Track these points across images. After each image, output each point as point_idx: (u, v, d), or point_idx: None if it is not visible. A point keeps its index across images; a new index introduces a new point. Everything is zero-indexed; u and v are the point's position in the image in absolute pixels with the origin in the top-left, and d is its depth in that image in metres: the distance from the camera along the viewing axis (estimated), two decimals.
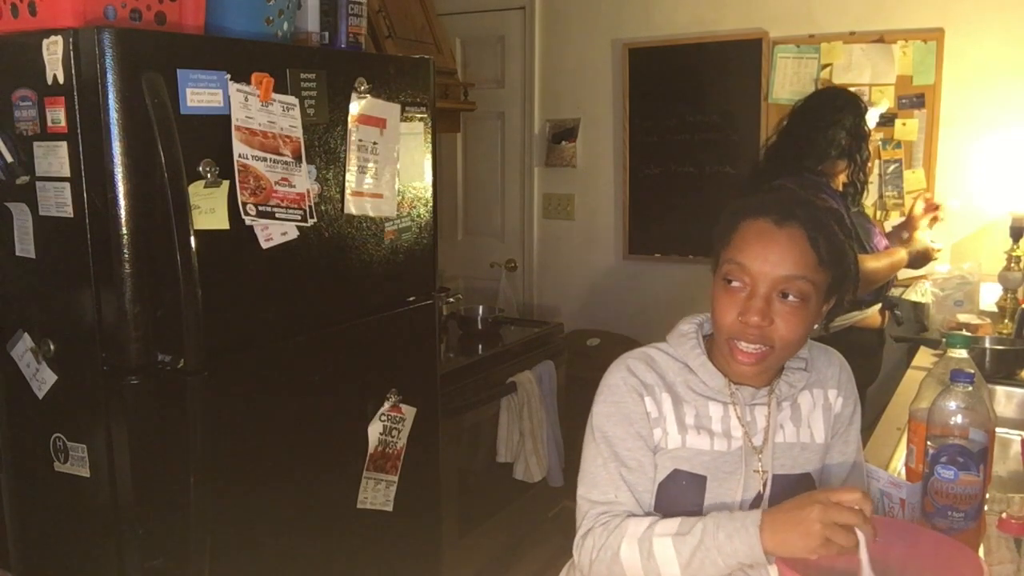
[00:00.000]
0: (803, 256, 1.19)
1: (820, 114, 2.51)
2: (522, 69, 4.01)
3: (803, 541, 1.04)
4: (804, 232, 1.20)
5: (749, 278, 1.21)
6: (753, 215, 1.24)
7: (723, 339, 1.25)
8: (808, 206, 1.26)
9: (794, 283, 1.19)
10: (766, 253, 1.20)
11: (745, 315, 1.20)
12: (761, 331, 1.20)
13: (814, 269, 1.20)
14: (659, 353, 1.33)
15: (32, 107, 1.64)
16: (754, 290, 1.20)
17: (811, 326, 1.24)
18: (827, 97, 2.60)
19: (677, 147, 3.69)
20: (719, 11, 3.52)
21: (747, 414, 1.28)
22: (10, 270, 1.73)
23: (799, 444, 1.31)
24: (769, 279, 1.19)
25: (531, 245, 4.12)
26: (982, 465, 1.22)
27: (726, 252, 1.25)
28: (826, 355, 1.39)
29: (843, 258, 1.24)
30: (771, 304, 1.20)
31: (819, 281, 1.21)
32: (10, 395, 1.78)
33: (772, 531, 1.08)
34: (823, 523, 1.03)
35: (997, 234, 2.98)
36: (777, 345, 1.21)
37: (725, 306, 1.23)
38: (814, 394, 1.34)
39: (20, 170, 1.68)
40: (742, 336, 1.21)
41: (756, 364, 1.23)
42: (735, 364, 1.24)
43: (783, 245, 1.20)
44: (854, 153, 2.50)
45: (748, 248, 1.21)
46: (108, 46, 1.52)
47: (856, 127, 2.49)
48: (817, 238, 1.20)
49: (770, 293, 1.20)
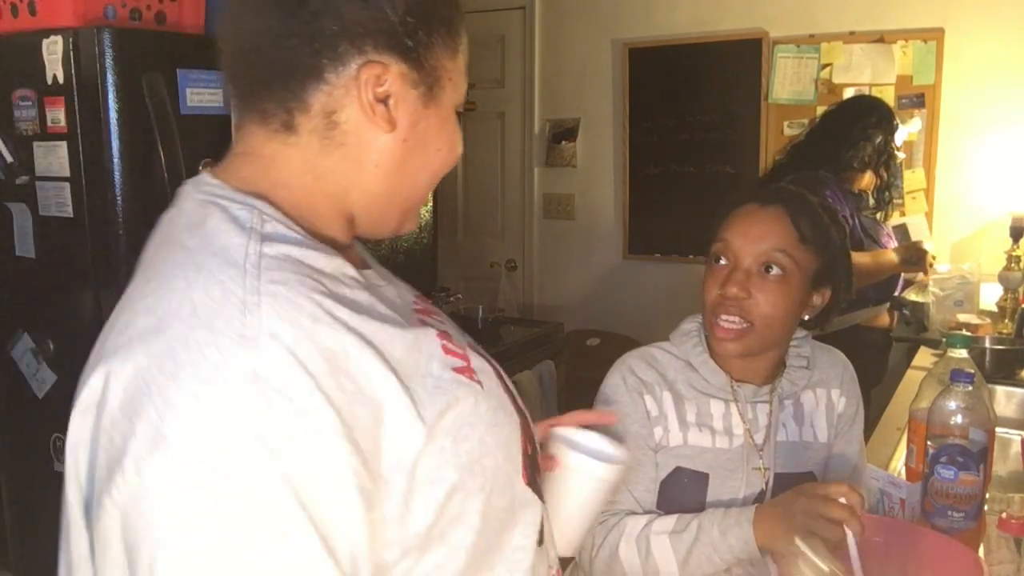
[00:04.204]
0: (784, 231, 1.23)
1: (853, 126, 2.52)
2: (522, 69, 4.01)
3: (788, 534, 1.05)
4: (786, 211, 1.25)
5: (732, 253, 1.25)
6: (742, 202, 1.29)
7: (708, 318, 1.27)
8: (795, 194, 1.30)
9: (774, 256, 1.22)
10: (747, 229, 1.24)
11: (725, 287, 1.23)
12: (740, 303, 1.22)
13: (795, 245, 1.23)
14: (661, 352, 1.34)
15: (32, 107, 1.64)
16: (737, 264, 1.24)
17: (794, 308, 1.25)
18: (862, 110, 2.59)
19: (677, 147, 3.69)
20: (719, 11, 3.52)
21: (749, 412, 1.29)
22: (10, 270, 1.73)
23: (801, 443, 1.31)
24: (750, 253, 1.23)
25: (531, 245, 4.12)
26: (982, 465, 1.22)
27: (715, 235, 1.28)
28: (829, 355, 1.39)
29: (828, 242, 1.27)
30: (751, 277, 1.23)
31: (801, 260, 1.23)
32: (10, 395, 1.78)
33: (763, 525, 1.10)
34: (806, 515, 1.04)
35: (997, 234, 2.98)
36: (757, 322, 1.22)
37: (710, 283, 1.27)
38: (817, 393, 1.35)
39: (20, 170, 1.68)
40: (723, 309, 1.23)
41: (736, 341, 1.23)
42: (716, 341, 1.26)
43: (765, 222, 1.24)
44: (879, 168, 2.52)
45: (732, 226, 1.26)
46: (108, 46, 1.53)
47: (884, 145, 2.51)
48: (799, 218, 1.24)
49: (752, 266, 1.23)
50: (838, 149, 2.50)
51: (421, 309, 0.82)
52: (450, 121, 0.80)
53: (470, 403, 0.73)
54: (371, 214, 0.80)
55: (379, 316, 0.70)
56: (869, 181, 2.56)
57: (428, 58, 0.76)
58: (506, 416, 0.78)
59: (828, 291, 1.29)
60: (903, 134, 2.67)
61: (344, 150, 0.76)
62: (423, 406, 0.68)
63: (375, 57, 0.73)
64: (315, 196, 0.77)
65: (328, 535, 0.59)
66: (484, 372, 0.78)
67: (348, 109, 0.74)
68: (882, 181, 2.57)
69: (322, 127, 0.75)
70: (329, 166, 0.77)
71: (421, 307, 0.83)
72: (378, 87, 0.74)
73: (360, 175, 0.77)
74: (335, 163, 0.76)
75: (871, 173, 2.54)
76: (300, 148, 0.76)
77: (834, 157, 2.49)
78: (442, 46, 0.77)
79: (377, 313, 0.70)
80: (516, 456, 0.78)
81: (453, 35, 0.78)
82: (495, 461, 0.74)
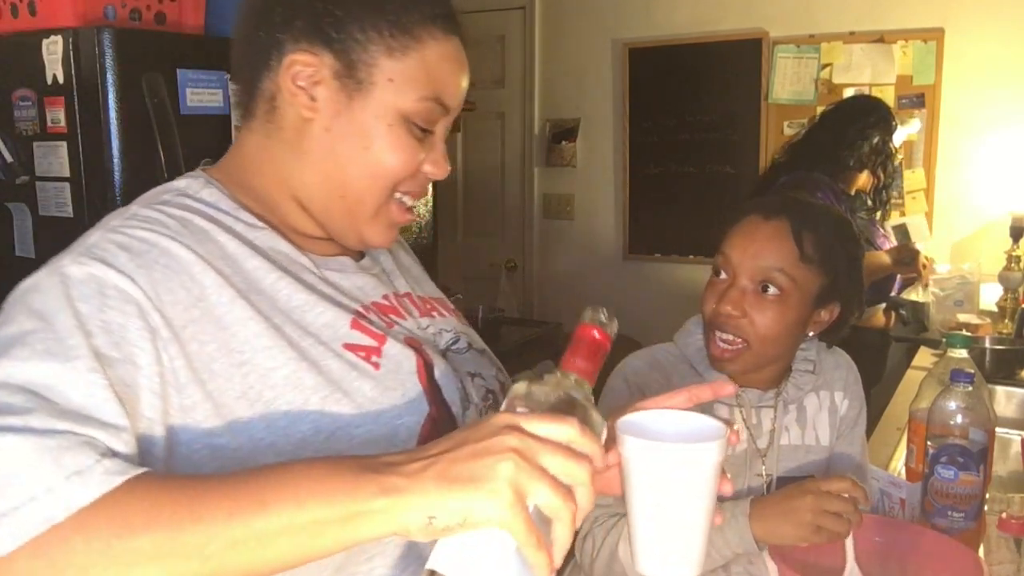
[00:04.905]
0: (783, 248, 1.19)
1: (850, 126, 2.51)
2: (522, 69, 4.01)
3: (794, 530, 1.05)
4: (790, 226, 1.19)
5: (731, 268, 1.22)
6: (747, 212, 1.25)
7: (706, 332, 1.26)
8: (804, 205, 1.26)
9: (772, 275, 1.18)
10: (747, 244, 1.21)
11: (720, 303, 1.20)
12: (735, 322, 1.19)
13: (794, 264, 1.18)
14: (665, 354, 1.33)
15: (32, 107, 1.64)
16: (734, 280, 1.21)
17: (793, 327, 1.22)
18: (861, 110, 2.59)
19: (677, 147, 3.69)
20: (719, 11, 3.52)
21: (753, 417, 1.28)
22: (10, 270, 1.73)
23: (804, 446, 1.31)
24: (748, 270, 1.20)
25: (531, 245, 4.12)
26: (982, 465, 1.22)
27: (719, 246, 1.26)
28: (833, 357, 1.38)
29: (834, 259, 1.22)
30: (747, 296, 1.19)
31: (801, 278, 1.19)
32: None
33: (762, 520, 1.08)
34: (814, 512, 1.03)
35: (997, 234, 2.98)
36: (753, 341, 1.20)
37: (708, 296, 1.24)
38: (820, 396, 1.34)
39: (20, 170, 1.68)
40: (717, 325, 1.22)
41: (731, 361, 1.21)
42: (711, 358, 1.24)
43: (765, 237, 1.20)
44: (876, 168, 2.52)
45: (734, 239, 1.23)
46: (108, 46, 1.53)
47: (881, 145, 2.50)
48: (802, 233, 1.19)
49: (747, 284, 1.20)
50: (835, 149, 2.49)
51: (388, 307, 0.87)
52: (386, 123, 0.79)
53: (334, 368, 0.76)
54: (315, 207, 0.83)
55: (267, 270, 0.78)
56: (866, 181, 2.56)
57: (357, 52, 0.78)
58: (399, 401, 0.79)
59: (837, 307, 1.26)
60: (901, 135, 2.67)
61: (282, 135, 0.81)
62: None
63: (305, 45, 0.78)
64: (267, 180, 0.83)
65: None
66: (395, 361, 0.81)
67: (283, 94, 0.80)
68: (879, 181, 2.56)
69: (266, 111, 0.82)
70: (274, 151, 0.82)
71: (389, 305, 0.88)
72: (299, 72, 0.78)
73: (295, 162, 0.82)
74: (277, 148, 0.82)
75: (868, 173, 2.54)
76: (254, 132, 0.84)
77: (831, 157, 2.49)
78: (381, 44, 0.78)
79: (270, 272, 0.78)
80: (407, 444, 0.78)
81: (402, 37, 0.78)
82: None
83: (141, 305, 0.69)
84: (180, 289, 0.72)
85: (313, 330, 0.78)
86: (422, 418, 0.80)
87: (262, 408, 0.73)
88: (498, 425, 0.59)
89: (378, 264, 0.94)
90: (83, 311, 0.67)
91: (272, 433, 0.72)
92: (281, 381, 0.74)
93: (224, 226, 0.79)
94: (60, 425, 0.58)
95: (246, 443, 0.72)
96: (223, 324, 0.73)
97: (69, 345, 0.64)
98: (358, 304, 0.84)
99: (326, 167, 0.81)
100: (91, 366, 0.63)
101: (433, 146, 0.83)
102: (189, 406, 0.70)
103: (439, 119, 0.82)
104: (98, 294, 0.68)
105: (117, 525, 0.54)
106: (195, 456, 0.70)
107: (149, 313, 0.69)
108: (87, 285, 0.69)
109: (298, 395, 0.74)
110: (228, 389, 0.72)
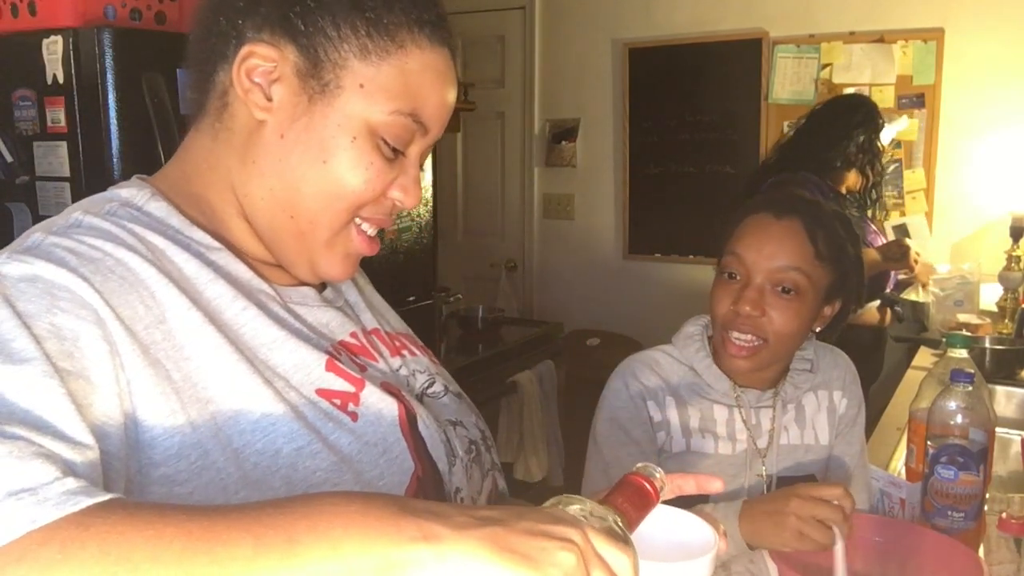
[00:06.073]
0: (799, 248, 1.19)
1: (835, 125, 2.51)
2: (522, 69, 4.01)
3: (776, 533, 1.02)
4: (803, 225, 1.20)
5: (745, 269, 1.21)
6: (755, 210, 1.25)
7: (718, 331, 1.25)
8: (812, 204, 1.27)
9: (788, 275, 1.19)
10: (761, 244, 1.21)
11: (738, 304, 1.20)
12: (753, 321, 1.20)
13: (810, 263, 1.20)
14: (664, 356, 1.33)
15: (32, 107, 1.64)
16: (749, 280, 1.21)
17: (807, 323, 1.24)
18: (846, 108, 2.59)
19: (677, 147, 3.69)
20: (719, 11, 3.52)
21: (752, 417, 1.28)
22: None
23: (803, 446, 1.31)
24: (764, 270, 1.20)
25: (531, 245, 4.12)
26: (982, 465, 1.22)
27: (727, 246, 1.25)
28: (832, 356, 1.38)
29: (843, 257, 1.24)
30: (765, 295, 1.20)
31: (816, 276, 1.21)
32: None
33: (749, 521, 1.07)
34: (798, 517, 1.00)
35: (997, 234, 2.98)
36: (771, 339, 1.21)
37: (720, 297, 1.24)
38: (819, 396, 1.34)
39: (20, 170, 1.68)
40: (734, 326, 1.21)
41: (748, 358, 1.22)
42: (728, 357, 1.24)
43: (780, 236, 1.20)
44: (864, 167, 2.51)
45: (745, 239, 1.22)
46: (108, 46, 1.53)
47: (868, 143, 2.50)
48: (816, 232, 1.20)
49: (764, 284, 1.20)
50: (821, 148, 2.49)
51: (357, 347, 0.77)
52: (349, 135, 0.68)
53: (301, 413, 0.67)
54: (260, 225, 0.72)
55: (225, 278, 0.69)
56: (855, 180, 2.55)
57: (325, 49, 0.68)
58: (380, 458, 0.70)
59: (839, 302, 1.28)
60: (889, 132, 2.66)
61: (231, 138, 0.71)
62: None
63: (266, 35, 0.68)
64: (214, 192, 0.73)
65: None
66: (374, 410, 0.71)
67: (235, 89, 0.69)
68: (868, 180, 2.55)
69: (217, 109, 0.71)
70: (220, 156, 0.72)
71: (359, 345, 0.78)
72: (255, 66, 0.68)
73: (240, 170, 0.71)
74: (224, 153, 0.71)
75: (856, 172, 2.52)
76: (202, 134, 0.73)
77: (818, 156, 2.48)
78: (354, 44, 0.68)
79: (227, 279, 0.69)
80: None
81: (380, 39, 0.69)
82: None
83: (99, 312, 0.59)
84: (140, 305, 0.62)
85: (282, 371, 0.68)
86: (407, 477, 0.71)
87: (231, 454, 0.63)
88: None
89: (342, 296, 0.83)
90: (27, 311, 0.56)
91: (246, 487, 0.63)
92: (250, 427, 0.64)
93: (181, 244, 0.68)
94: (13, 431, 0.48)
95: (215, 492, 0.62)
96: (186, 354, 0.63)
97: (14, 348, 0.53)
98: (328, 343, 0.74)
99: (275, 179, 0.69)
100: (45, 370, 0.53)
101: (405, 169, 0.72)
102: (147, 442, 0.60)
103: (414, 139, 0.71)
104: (46, 294, 0.57)
105: (112, 558, 0.44)
106: (151, 499, 0.60)
107: (107, 322, 0.59)
108: (31, 284, 0.58)
109: (269, 444, 0.64)
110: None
